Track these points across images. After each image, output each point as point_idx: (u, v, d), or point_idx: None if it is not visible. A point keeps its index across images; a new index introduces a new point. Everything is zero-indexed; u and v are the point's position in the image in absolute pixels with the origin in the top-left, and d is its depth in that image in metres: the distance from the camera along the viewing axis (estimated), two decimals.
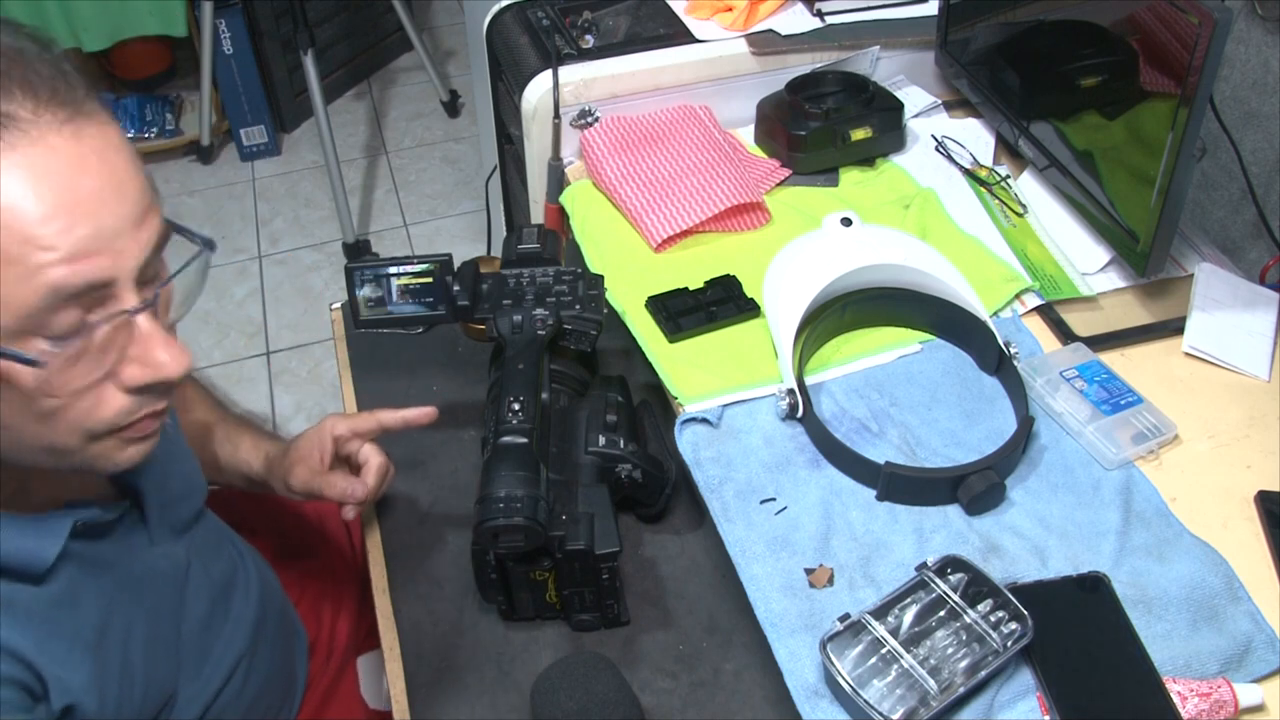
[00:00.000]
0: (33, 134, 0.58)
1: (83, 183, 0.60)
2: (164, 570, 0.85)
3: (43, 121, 0.59)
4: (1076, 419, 1.00)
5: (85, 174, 0.60)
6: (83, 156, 0.60)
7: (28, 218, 0.57)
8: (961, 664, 0.79)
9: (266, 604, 0.99)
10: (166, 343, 0.66)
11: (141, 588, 0.82)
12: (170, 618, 0.85)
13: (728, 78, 1.38)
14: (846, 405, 1.03)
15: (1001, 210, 1.26)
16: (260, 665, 0.95)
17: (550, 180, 1.37)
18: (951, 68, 1.39)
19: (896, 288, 1.09)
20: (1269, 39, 1.21)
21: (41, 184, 0.58)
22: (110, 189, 0.61)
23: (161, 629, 0.83)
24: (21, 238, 0.57)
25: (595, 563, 0.86)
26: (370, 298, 0.98)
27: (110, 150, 0.62)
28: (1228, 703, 0.79)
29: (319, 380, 2.25)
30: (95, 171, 0.60)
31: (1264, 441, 1.00)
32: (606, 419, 0.94)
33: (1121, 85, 1.09)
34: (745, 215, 1.24)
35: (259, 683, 0.95)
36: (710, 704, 0.87)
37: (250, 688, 0.93)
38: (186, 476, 0.91)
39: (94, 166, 0.61)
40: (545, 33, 1.37)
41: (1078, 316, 1.13)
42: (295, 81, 2.87)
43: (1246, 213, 1.30)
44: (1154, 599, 0.87)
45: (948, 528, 0.92)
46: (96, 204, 0.60)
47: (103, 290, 0.62)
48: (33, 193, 0.57)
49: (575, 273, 0.99)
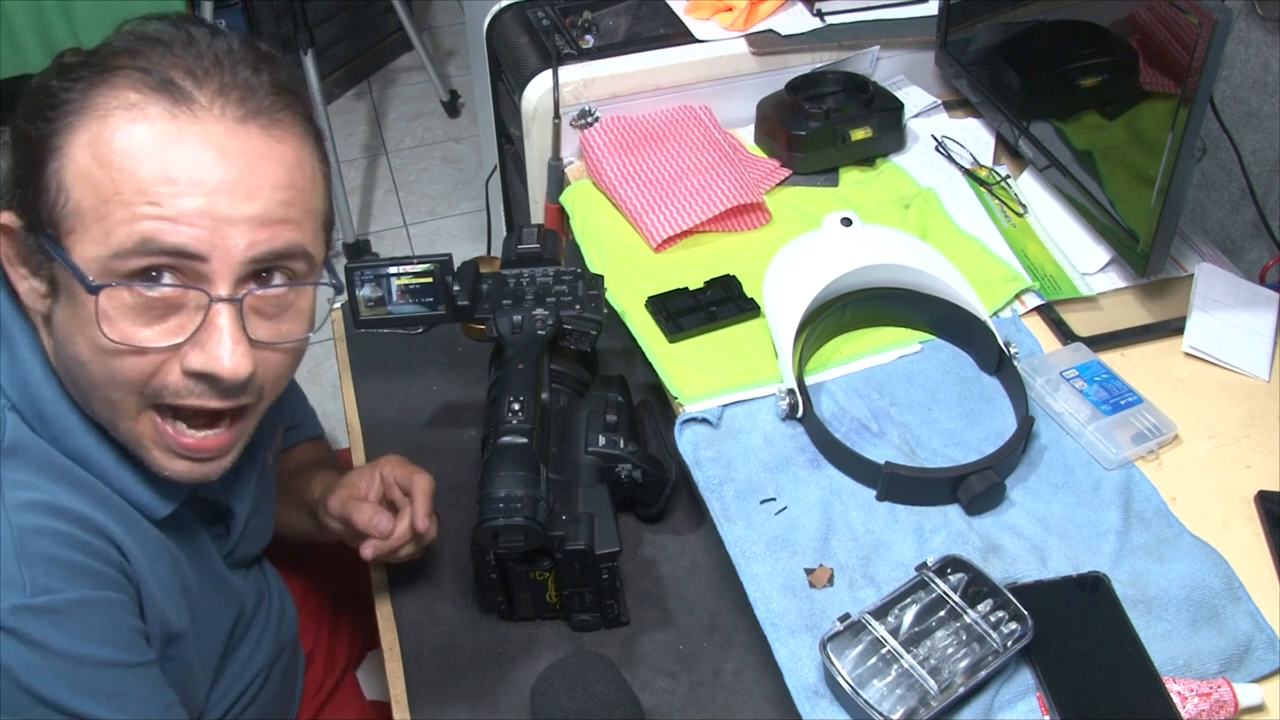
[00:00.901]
0: (199, 115, 0.66)
1: (216, 168, 0.66)
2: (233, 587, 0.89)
3: (215, 111, 0.67)
4: (1076, 419, 1.00)
5: (225, 162, 0.66)
6: (234, 150, 0.67)
7: (150, 173, 0.65)
8: (961, 664, 0.79)
9: (284, 634, 1.00)
10: (235, 344, 0.68)
11: (216, 593, 0.85)
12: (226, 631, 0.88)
13: (728, 78, 1.38)
14: (846, 405, 1.03)
15: (1001, 210, 1.26)
16: (269, 689, 0.97)
17: (550, 180, 1.37)
18: (951, 68, 1.39)
19: (896, 288, 1.09)
20: (1269, 39, 1.21)
21: (178, 152, 0.65)
22: (243, 184, 0.67)
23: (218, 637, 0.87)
24: (137, 187, 0.65)
25: (595, 563, 0.86)
26: (370, 298, 0.97)
27: (270, 159, 0.69)
28: (1228, 703, 0.79)
29: (319, 380, 2.25)
30: (237, 165, 0.67)
31: (1264, 441, 1.00)
32: (606, 419, 0.94)
33: (1121, 85, 1.09)
34: (745, 215, 1.24)
35: (262, 703, 0.96)
36: (710, 704, 0.87)
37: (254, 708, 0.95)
38: (267, 519, 0.96)
39: (239, 162, 0.67)
40: (545, 33, 1.37)
41: (1078, 316, 1.13)
42: None
43: (1246, 213, 1.30)
44: (1154, 599, 0.87)
45: (948, 528, 0.92)
46: (219, 189, 0.66)
47: (197, 264, 0.66)
48: (164, 158, 0.65)
49: (575, 273, 0.99)
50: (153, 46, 0.68)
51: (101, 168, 0.65)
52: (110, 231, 0.65)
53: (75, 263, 0.66)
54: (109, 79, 0.67)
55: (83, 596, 0.67)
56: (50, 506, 0.68)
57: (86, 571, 0.68)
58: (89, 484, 0.72)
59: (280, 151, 0.70)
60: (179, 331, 0.68)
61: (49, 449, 0.71)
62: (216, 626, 0.87)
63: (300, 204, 0.71)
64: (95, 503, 0.71)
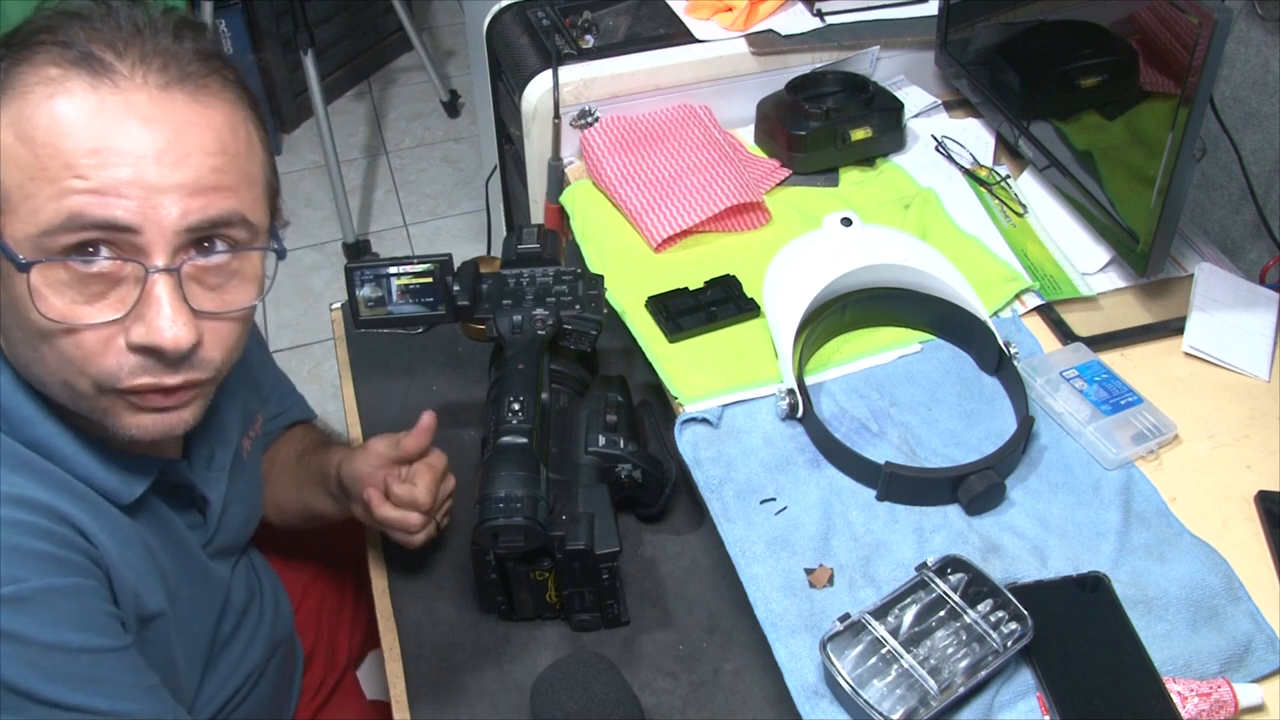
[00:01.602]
0: (121, 85, 0.65)
1: (142, 136, 0.65)
2: (215, 578, 0.88)
3: (136, 80, 0.66)
4: (1076, 419, 1.00)
5: (150, 131, 0.65)
6: (160, 118, 0.66)
7: (74, 146, 0.64)
8: (961, 664, 0.79)
9: (279, 632, 1.00)
10: (176, 314, 0.67)
11: (198, 582, 0.85)
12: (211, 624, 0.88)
13: (728, 78, 1.38)
14: (846, 405, 1.03)
15: (1001, 210, 1.26)
16: (264, 687, 0.97)
17: (550, 180, 1.37)
18: (951, 68, 1.39)
19: (896, 288, 1.09)
20: (1269, 39, 1.21)
21: (102, 123, 0.64)
22: (172, 152, 0.66)
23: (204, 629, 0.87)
24: (63, 161, 0.64)
25: (595, 563, 0.86)
26: (370, 298, 0.97)
27: (198, 125, 0.67)
28: (1228, 703, 0.79)
29: (319, 380, 2.25)
30: (164, 134, 0.66)
31: (1264, 441, 1.00)
32: (606, 419, 0.94)
33: (1121, 85, 1.09)
34: (745, 215, 1.24)
35: (256, 701, 0.96)
36: (710, 704, 0.87)
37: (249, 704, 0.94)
38: (250, 508, 0.94)
39: (165, 130, 0.66)
40: (545, 33, 1.37)
41: (1078, 316, 1.13)
42: (295, 81, 2.87)
43: (1246, 213, 1.30)
44: (1154, 599, 0.87)
45: (948, 528, 0.92)
46: (147, 159, 0.65)
47: (128, 235, 0.65)
48: (90, 127, 0.64)
49: (575, 273, 0.99)
50: (71, 21, 0.67)
51: (25, 145, 0.64)
52: (38, 209, 0.64)
53: (5, 242, 0.65)
54: (28, 57, 0.66)
55: (49, 584, 0.66)
56: (12, 498, 0.67)
57: (52, 559, 0.67)
58: (52, 473, 0.71)
59: (209, 117, 0.68)
60: (119, 306, 0.67)
61: (8, 440, 0.70)
62: (201, 615, 0.86)
63: (235, 170, 0.69)
64: (59, 491, 0.70)
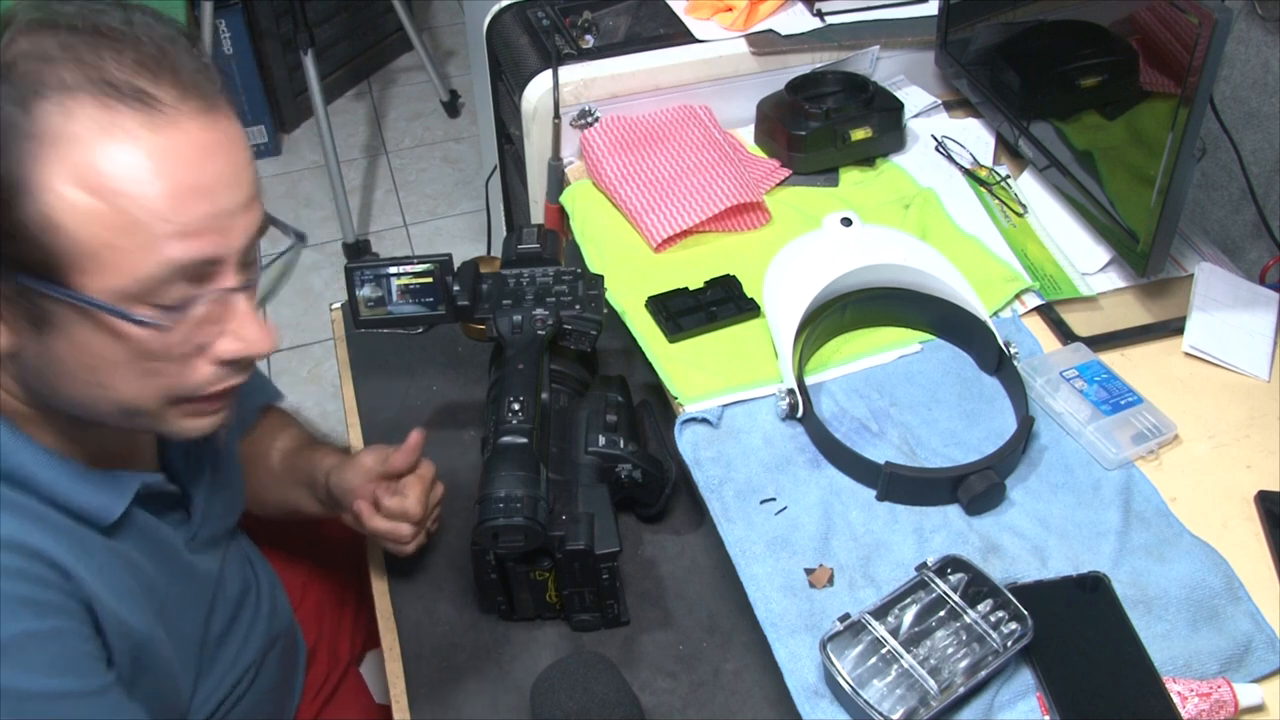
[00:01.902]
0: (170, 116, 0.64)
1: (208, 168, 0.66)
2: (201, 573, 0.88)
3: (183, 109, 0.65)
4: (1076, 419, 1.00)
5: (212, 160, 0.66)
6: (213, 144, 0.66)
7: (156, 193, 0.63)
8: (961, 664, 0.79)
9: (276, 625, 0.99)
10: (260, 326, 0.71)
11: (185, 583, 0.84)
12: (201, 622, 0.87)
13: (728, 78, 1.38)
14: (846, 405, 1.03)
15: (1001, 210, 1.26)
16: (262, 681, 0.96)
17: (550, 180, 1.37)
18: (951, 68, 1.39)
19: (896, 288, 1.09)
20: (1269, 39, 1.21)
21: (173, 164, 0.64)
22: (229, 175, 0.67)
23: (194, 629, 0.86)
24: (148, 211, 0.63)
25: (595, 563, 0.86)
26: (370, 298, 0.98)
27: (232, 142, 0.68)
28: (1228, 703, 0.79)
29: (319, 380, 2.25)
30: (220, 159, 0.67)
31: (1264, 441, 1.00)
32: (606, 419, 0.94)
33: (1121, 85, 1.09)
34: (745, 215, 1.24)
35: (256, 696, 0.95)
36: (710, 704, 0.87)
37: (247, 701, 0.94)
38: (231, 494, 0.94)
39: (220, 154, 0.67)
40: (545, 33, 1.37)
41: (1078, 316, 1.13)
42: (295, 81, 2.87)
43: (1246, 213, 1.30)
44: (1154, 599, 0.87)
45: (948, 528, 0.92)
46: (217, 188, 0.66)
47: (211, 267, 0.67)
48: (164, 172, 0.63)
49: (575, 273, 0.99)
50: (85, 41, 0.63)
51: (98, 198, 0.61)
52: (134, 263, 0.63)
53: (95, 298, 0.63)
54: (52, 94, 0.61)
55: (26, 629, 0.65)
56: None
57: (29, 602, 0.66)
58: (23, 505, 0.69)
59: (234, 130, 0.69)
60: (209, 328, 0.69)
61: None
62: (190, 616, 0.86)
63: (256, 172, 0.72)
64: (32, 524, 0.69)
